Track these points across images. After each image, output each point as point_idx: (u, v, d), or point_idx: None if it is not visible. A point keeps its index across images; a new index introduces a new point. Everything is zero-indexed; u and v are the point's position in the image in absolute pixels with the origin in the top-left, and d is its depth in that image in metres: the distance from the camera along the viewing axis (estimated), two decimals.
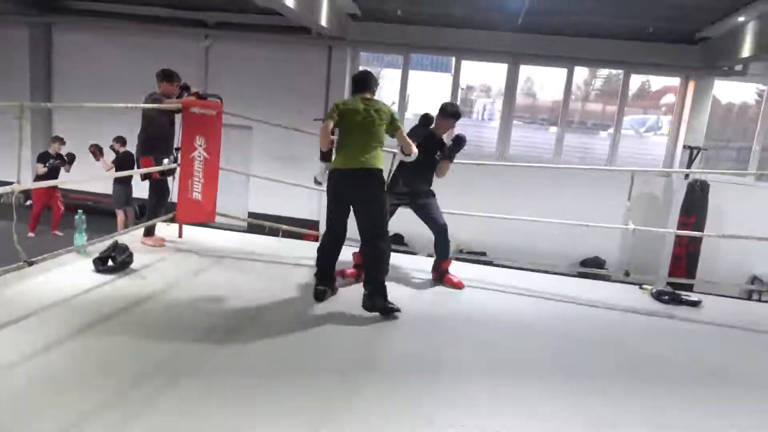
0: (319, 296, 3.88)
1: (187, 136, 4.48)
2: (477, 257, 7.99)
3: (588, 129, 12.38)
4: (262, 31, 10.48)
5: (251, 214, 10.68)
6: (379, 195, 3.80)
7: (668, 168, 10.10)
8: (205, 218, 4.80)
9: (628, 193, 4.94)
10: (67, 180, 8.94)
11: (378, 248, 3.76)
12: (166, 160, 4.78)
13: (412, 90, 12.42)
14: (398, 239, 8.99)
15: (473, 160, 5.86)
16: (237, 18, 10.62)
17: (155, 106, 4.50)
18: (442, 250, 4.54)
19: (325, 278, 3.95)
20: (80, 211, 4.55)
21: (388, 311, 3.72)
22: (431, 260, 4.70)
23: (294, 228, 5.69)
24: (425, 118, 4.43)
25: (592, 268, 9.10)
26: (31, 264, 3.24)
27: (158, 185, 4.90)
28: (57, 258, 4.00)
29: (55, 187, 9.20)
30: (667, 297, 4.81)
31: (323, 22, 8.57)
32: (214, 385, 2.70)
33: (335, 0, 8.86)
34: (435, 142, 4.46)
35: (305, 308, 3.79)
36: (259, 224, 5.70)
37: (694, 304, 4.78)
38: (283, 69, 10.64)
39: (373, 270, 3.78)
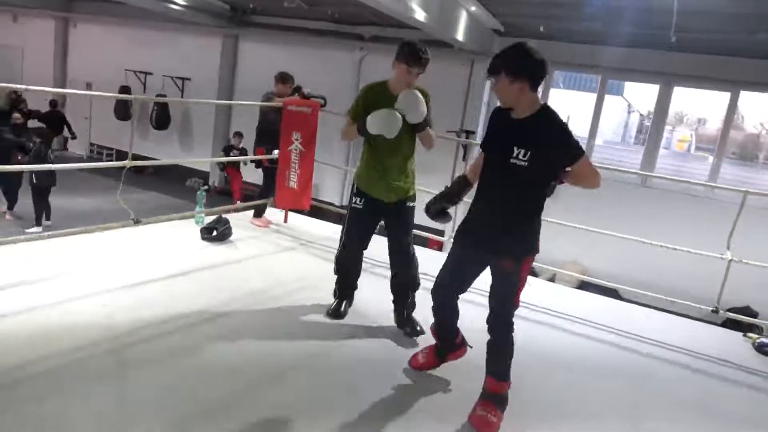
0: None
1: (285, 131, 5.08)
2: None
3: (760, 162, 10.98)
4: None
5: None
6: None
7: None
8: (300, 205, 5.36)
9: (736, 217, 4.42)
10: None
11: None
12: (276, 151, 5.44)
13: (576, 111, 12.09)
14: None
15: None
16: (389, 32, 11.33)
17: (262, 104, 5.19)
18: (493, 361, 2.67)
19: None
20: (204, 187, 5.42)
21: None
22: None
23: (420, 233, 5.90)
24: None
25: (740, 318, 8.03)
26: (137, 222, 4.01)
27: (269, 172, 5.59)
28: (173, 222, 4.87)
29: (238, 174, 11.16)
30: None
31: (460, 37, 8.83)
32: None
33: (476, 16, 9.05)
34: (511, 126, 2.53)
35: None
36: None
37: None
38: (425, 80, 11.07)
39: None
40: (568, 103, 13.05)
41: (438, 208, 2.80)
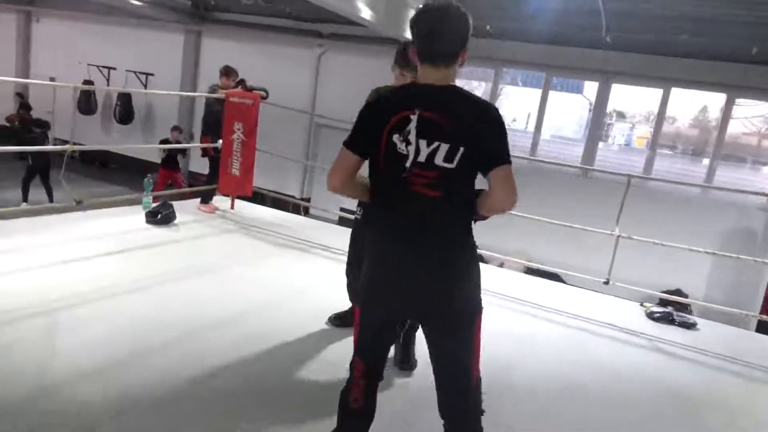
0: None
1: (228, 121, 5.43)
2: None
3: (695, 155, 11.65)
4: (367, 43, 11.44)
5: (342, 209, 11.68)
6: None
7: None
8: (243, 191, 5.71)
9: (622, 200, 4.94)
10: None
11: None
12: (221, 141, 5.77)
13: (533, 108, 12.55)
14: None
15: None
16: (347, 30, 11.69)
17: (206, 95, 5.53)
18: None
19: None
20: (149, 175, 5.73)
21: None
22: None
23: None
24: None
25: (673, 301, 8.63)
26: (79, 203, 4.31)
27: (213, 161, 5.91)
28: (122, 207, 5.20)
29: (176, 170, 10.94)
30: (658, 315, 4.73)
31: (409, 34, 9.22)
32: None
33: None
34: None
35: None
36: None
37: (689, 326, 4.65)
38: (381, 77, 11.47)
39: None
40: (525, 100, 13.56)
41: None
